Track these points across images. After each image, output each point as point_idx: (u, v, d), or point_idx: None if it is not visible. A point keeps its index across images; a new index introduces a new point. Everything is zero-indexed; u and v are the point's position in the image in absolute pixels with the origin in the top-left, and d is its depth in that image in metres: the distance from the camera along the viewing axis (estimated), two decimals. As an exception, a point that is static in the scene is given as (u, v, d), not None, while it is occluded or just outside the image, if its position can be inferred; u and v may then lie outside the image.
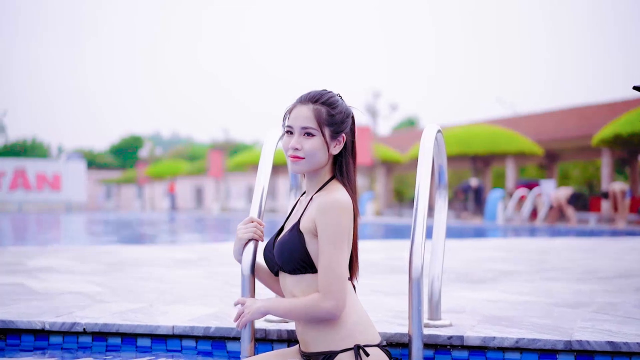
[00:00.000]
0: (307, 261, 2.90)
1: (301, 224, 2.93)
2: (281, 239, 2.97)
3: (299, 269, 2.92)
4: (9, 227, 22.28)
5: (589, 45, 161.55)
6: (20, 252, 9.04)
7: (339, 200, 2.85)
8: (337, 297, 2.82)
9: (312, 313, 2.85)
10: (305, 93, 3.01)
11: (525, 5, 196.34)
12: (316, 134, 2.92)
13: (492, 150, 28.09)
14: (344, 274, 2.84)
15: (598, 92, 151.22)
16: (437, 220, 4.03)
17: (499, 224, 23.31)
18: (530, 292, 5.51)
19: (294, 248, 2.90)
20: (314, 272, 2.91)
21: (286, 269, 2.96)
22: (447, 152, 27.97)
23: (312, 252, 2.90)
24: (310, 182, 3.04)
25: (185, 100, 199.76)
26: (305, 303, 2.86)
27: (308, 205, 2.96)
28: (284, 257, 2.93)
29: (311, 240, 2.89)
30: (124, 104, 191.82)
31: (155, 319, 4.06)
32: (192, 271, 6.99)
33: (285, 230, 3.01)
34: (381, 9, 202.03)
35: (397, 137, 45.77)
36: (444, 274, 6.71)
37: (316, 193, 2.97)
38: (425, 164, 3.44)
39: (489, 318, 4.17)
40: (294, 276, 2.95)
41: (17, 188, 49.98)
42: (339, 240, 2.83)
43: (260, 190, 3.46)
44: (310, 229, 2.89)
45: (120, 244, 13.57)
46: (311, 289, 2.91)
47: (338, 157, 3.03)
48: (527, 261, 8.52)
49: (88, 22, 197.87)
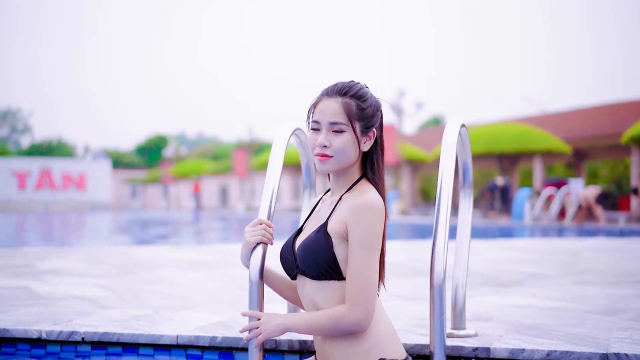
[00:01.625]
0: (333, 266, 2.64)
1: (329, 225, 2.67)
2: (306, 241, 2.71)
3: (323, 274, 2.66)
4: (30, 227, 22.22)
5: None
6: (33, 254, 8.84)
7: (373, 202, 2.61)
8: (366, 308, 2.58)
9: (337, 327, 2.61)
10: (331, 85, 2.76)
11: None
12: (346, 129, 2.67)
13: (519, 149, 27.65)
14: (374, 283, 2.60)
15: (598, 92, 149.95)
16: (462, 221, 3.74)
17: (527, 223, 22.96)
18: (561, 297, 5.20)
19: (320, 251, 2.64)
20: (339, 279, 2.65)
21: (309, 273, 2.70)
22: (473, 151, 27.61)
23: (339, 257, 2.64)
24: (337, 181, 2.79)
25: (208, 101, 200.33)
26: (329, 316, 2.61)
27: (337, 206, 2.71)
28: (308, 260, 2.67)
29: (339, 244, 2.64)
30: (150, 104, 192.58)
31: (159, 328, 3.79)
32: (206, 274, 6.74)
33: (311, 232, 2.75)
34: (393, 6, 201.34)
35: (422, 136, 45.47)
36: (469, 277, 6.41)
37: (345, 193, 2.73)
38: (448, 160, 3.15)
39: (517, 327, 3.87)
40: (317, 282, 2.69)
41: (42, 187, 50.24)
42: (371, 246, 2.59)
43: (270, 190, 3.17)
44: (340, 231, 2.64)
45: (137, 244, 13.39)
46: (335, 296, 2.66)
47: (367, 154, 2.79)
48: (556, 263, 8.19)
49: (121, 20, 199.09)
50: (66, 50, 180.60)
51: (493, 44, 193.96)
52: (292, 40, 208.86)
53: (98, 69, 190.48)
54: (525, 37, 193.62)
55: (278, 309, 4.36)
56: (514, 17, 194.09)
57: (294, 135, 3.50)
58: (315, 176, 3.94)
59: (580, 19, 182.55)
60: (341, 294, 2.65)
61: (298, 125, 3.46)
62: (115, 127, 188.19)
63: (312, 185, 3.95)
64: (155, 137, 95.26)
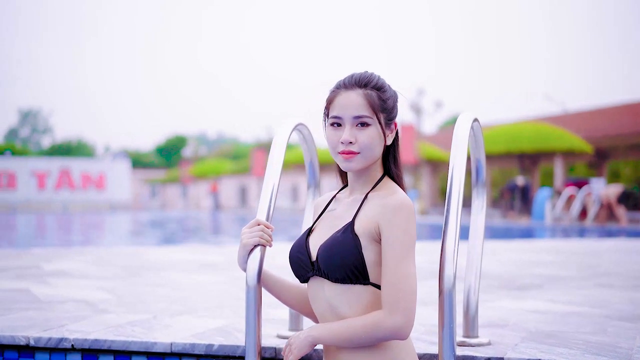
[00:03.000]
0: (360, 269, 2.41)
1: (357, 225, 2.44)
2: (331, 241, 2.47)
3: (349, 278, 2.43)
4: (44, 228, 22.15)
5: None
6: (40, 255, 8.67)
7: (406, 202, 2.41)
8: (407, 313, 2.35)
9: (374, 334, 2.36)
10: (347, 77, 2.56)
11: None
12: (372, 122, 2.48)
13: (540, 148, 27.34)
14: (415, 288, 2.38)
15: (598, 92, 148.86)
16: (474, 222, 3.51)
17: (547, 224, 22.64)
18: (582, 301, 4.95)
19: (347, 253, 2.41)
20: (365, 283, 2.43)
21: (332, 276, 2.46)
22: (493, 151, 27.33)
23: (368, 260, 2.41)
24: (358, 179, 2.58)
25: (230, 100, 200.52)
26: (365, 323, 2.37)
27: (363, 205, 2.49)
28: (334, 262, 2.43)
29: (368, 246, 2.42)
30: (172, 105, 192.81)
31: (154, 335, 3.59)
32: (213, 276, 6.54)
33: (331, 232, 2.51)
34: (393, 6, 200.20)
35: (442, 136, 45.16)
36: (486, 279, 6.18)
37: (371, 192, 2.52)
38: (459, 156, 2.93)
39: (534, 334, 3.64)
40: (340, 285, 2.46)
41: (62, 188, 50.36)
42: (409, 248, 2.39)
43: (270, 190, 2.96)
44: (371, 232, 2.42)
45: (148, 245, 13.22)
46: (359, 301, 2.44)
47: (388, 149, 2.60)
48: (577, 265, 7.94)
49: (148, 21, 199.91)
50: (89, 52, 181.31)
51: (493, 44, 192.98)
52: (292, 40, 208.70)
53: (120, 69, 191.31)
54: (525, 35, 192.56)
55: (278, 315, 4.16)
56: (514, 17, 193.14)
57: (296, 131, 3.30)
58: (319, 174, 3.73)
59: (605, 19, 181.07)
60: (366, 299, 2.44)
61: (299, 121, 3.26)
62: (136, 127, 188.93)
63: (317, 184, 3.74)
64: (175, 137, 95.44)
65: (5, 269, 6.83)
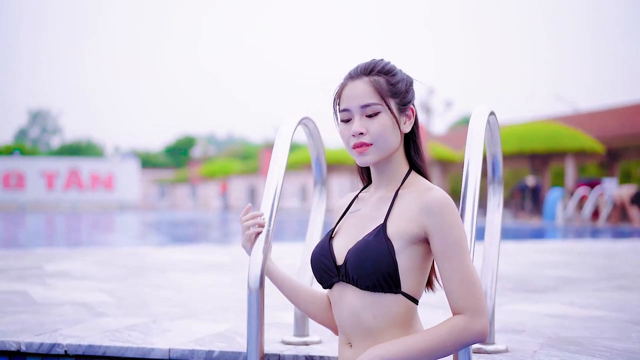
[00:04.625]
0: (393, 277, 2.18)
1: (389, 227, 2.22)
2: (362, 244, 2.23)
3: (380, 286, 2.19)
4: (51, 228, 22.02)
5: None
6: (43, 255, 8.50)
7: (447, 197, 2.20)
8: (487, 313, 2.14)
9: (461, 341, 2.12)
10: (353, 68, 2.36)
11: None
12: (382, 109, 2.27)
13: (551, 148, 27.10)
14: (481, 286, 2.17)
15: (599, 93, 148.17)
16: (490, 222, 3.30)
17: (558, 224, 22.38)
18: (601, 304, 4.74)
19: (380, 258, 2.18)
20: (396, 293, 2.20)
21: (362, 283, 2.22)
22: (504, 151, 27.08)
23: (401, 266, 2.19)
24: (381, 175, 2.37)
25: (238, 100, 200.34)
26: (445, 331, 2.12)
27: (394, 204, 2.28)
28: (366, 268, 2.20)
29: (402, 250, 2.19)
30: (180, 105, 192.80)
31: (152, 340, 3.40)
32: (218, 277, 6.36)
33: (366, 234, 2.26)
34: (394, 5, 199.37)
35: (452, 136, 44.96)
36: (499, 281, 5.97)
37: (401, 189, 2.31)
38: (475, 151, 2.73)
39: (553, 340, 3.44)
40: (369, 294, 2.22)
41: (71, 188, 50.30)
42: (465, 246, 2.17)
43: (274, 185, 2.78)
44: (409, 234, 2.20)
45: (153, 245, 13.03)
46: (387, 312, 2.21)
47: (408, 139, 2.39)
48: (592, 266, 7.72)
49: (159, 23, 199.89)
50: (98, 52, 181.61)
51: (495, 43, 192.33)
52: (300, 40, 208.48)
53: (130, 69, 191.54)
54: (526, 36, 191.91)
55: (283, 318, 3.97)
56: (514, 17, 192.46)
57: (302, 124, 3.11)
58: (326, 173, 3.54)
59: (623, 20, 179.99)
60: (394, 310, 2.21)
61: (305, 115, 3.08)
62: (145, 128, 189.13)
63: (324, 182, 3.55)
64: (184, 137, 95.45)
65: (6, 270, 6.67)
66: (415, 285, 2.23)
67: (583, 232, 19.28)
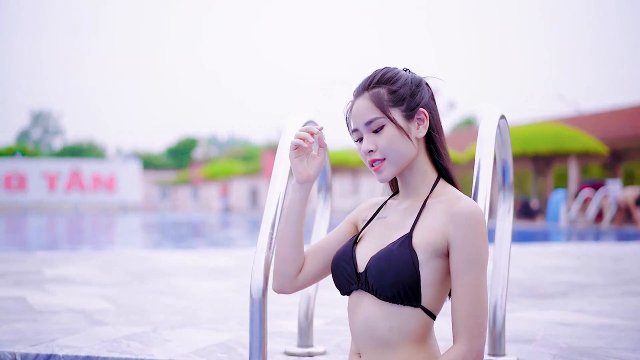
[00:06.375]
0: (415, 290, 2.07)
1: (415, 237, 2.12)
2: (384, 254, 2.13)
3: (400, 298, 2.09)
4: (52, 230, 21.92)
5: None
6: (44, 259, 8.40)
7: (477, 210, 2.09)
8: (484, 339, 2.05)
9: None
10: (357, 85, 2.28)
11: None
12: (385, 122, 2.18)
13: (554, 150, 26.97)
14: (487, 308, 2.07)
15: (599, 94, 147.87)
16: (501, 228, 3.20)
17: (562, 226, 22.27)
18: (613, 311, 4.63)
19: (403, 269, 2.07)
20: (415, 306, 2.09)
21: (382, 294, 2.11)
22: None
23: (424, 279, 2.08)
24: (407, 185, 2.27)
25: (240, 102, 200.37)
26: None
27: (421, 214, 2.18)
28: (387, 278, 2.09)
29: (426, 263, 2.08)
30: (182, 106, 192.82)
31: (151, 350, 3.30)
32: (222, 283, 6.25)
33: (390, 243, 2.16)
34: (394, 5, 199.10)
35: (455, 137, 44.79)
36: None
37: (429, 198, 2.20)
38: (486, 156, 2.65)
39: (565, 351, 3.33)
40: (387, 305, 2.12)
41: (72, 189, 50.23)
42: (483, 264, 2.06)
43: (277, 196, 2.71)
44: (434, 245, 2.09)
45: (155, 249, 12.92)
46: (404, 327, 2.10)
47: (429, 144, 2.27)
48: (600, 270, 7.61)
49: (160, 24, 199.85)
50: (100, 53, 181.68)
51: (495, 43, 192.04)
52: (302, 40, 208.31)
53: (131, 71, 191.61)
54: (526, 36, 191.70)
55: (288, 327, 3.87)
56: (514, 17, 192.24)
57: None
58: (331, 177, 3.44)
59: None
60: (411, 324, 2.10)
61: (310, 117, 2.97)
62: (147, 129, 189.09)
63: (328, 187, 3.45)
64: (186, 139, 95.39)
65: (5, 275, 6.57)
66: (435, 299, 2.12)
67: (587, 234, 19.16)
